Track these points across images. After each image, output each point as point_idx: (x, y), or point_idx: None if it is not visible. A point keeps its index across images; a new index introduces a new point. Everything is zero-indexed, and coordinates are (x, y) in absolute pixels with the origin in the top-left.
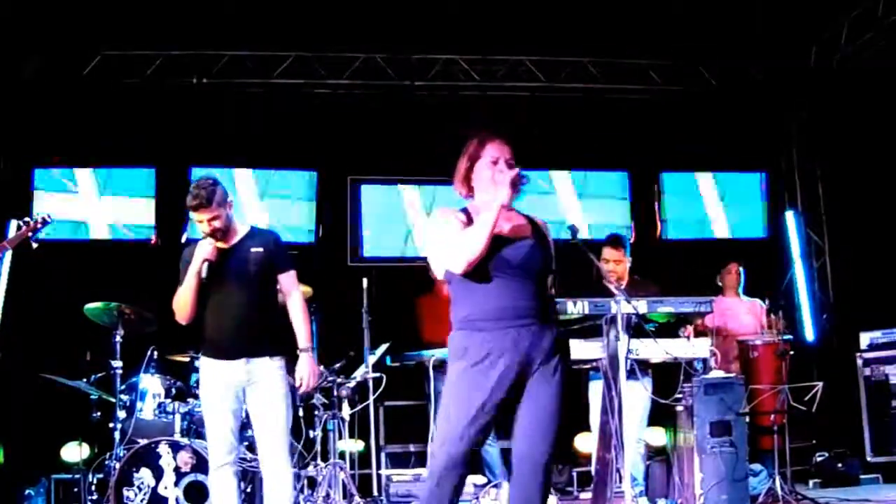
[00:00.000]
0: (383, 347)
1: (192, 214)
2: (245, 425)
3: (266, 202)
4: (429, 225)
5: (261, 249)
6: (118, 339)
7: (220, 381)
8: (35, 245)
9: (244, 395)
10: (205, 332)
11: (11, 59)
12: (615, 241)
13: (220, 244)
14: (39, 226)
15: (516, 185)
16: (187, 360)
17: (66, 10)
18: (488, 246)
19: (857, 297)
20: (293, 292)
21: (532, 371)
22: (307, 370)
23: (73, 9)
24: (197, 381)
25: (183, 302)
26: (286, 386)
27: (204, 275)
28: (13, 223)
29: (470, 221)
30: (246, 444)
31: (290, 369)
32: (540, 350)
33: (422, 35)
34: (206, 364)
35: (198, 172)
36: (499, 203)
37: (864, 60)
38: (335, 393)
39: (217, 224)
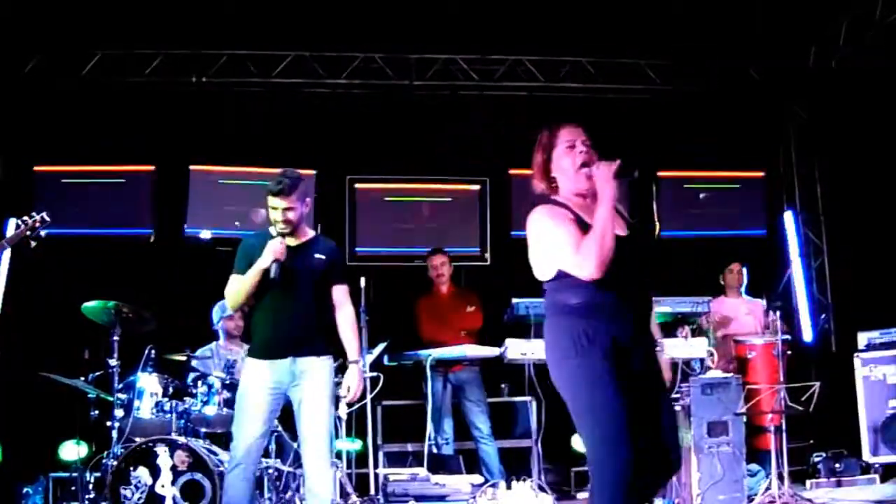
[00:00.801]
0: (381, 346)
1: (270, 199)
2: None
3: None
4: (532, 226)
5: (324, 257)
6: (116, 337)
7: (262, 382)
8: (34, 244)
9: (285, 397)
10: (255, 330)
11: (11, 58)
12: None
13: (289, 240)
14: (38, 225)
15: (620, 176)
16: (185, 359)
17: (66, 8)
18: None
19: (855, 297)
20: (345, 305)
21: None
22: (356, 381)
23: (73, 7)
24: (194, 380)
25: (241, 293)
26: (332, 384)
27: (273, 274)
28: (12, 221)
29: (575, 217)
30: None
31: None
32: (650, 335)
33: (420, 35)
34: (250, 365)
35: (196, 171)
36: (610, 199)
37: (862, 61)
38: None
39: (291, 216)
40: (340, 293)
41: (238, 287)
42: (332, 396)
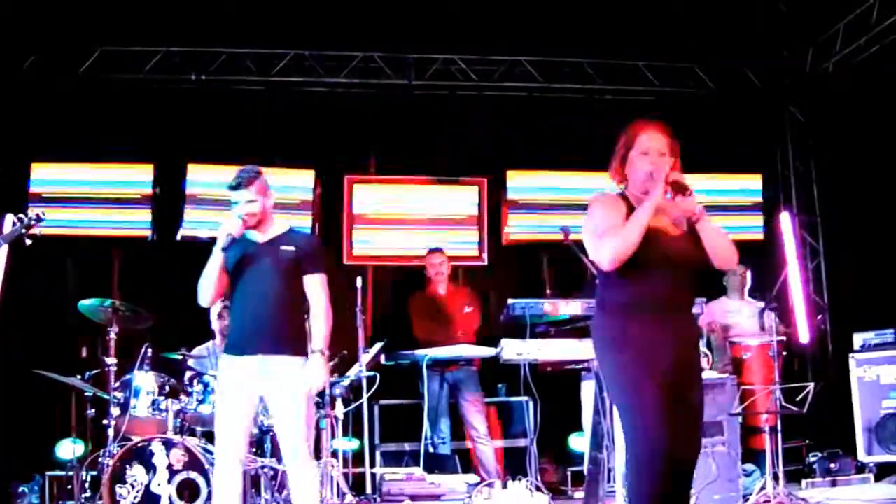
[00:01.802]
0: (377, 346)
1: (231, 196)
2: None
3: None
4: (589, 208)
5: (292, 248)
6: (113, 336)
7: (235, 379)
8: (28, 242)
9: (260, 395)
10: (227, 327)
11: (9, 54)
12: None
13: (255, 233)
14: (34, 223)
15: (677, 194)
16: (181, 358)
17: (64, 5)
18: (638, 243)
19: (851, 298)
20: (318, 294)
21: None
22: (314, 371)
23: (71, 4)
24: (191, 379)
25: (206, 281)
26: (306, 384)
27: (224, 244)
28: (8, 218)
29: (630, 211)
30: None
31: None
32: (690, 338)
33: (420, 35)
34: (224, 361)
35: (195, 170)
36: (652, 204)
37: (859, 64)
38: (329, 391)
39: (252, 209)
40: (312, 283)
41: (202, 276)
42: (304, 396)
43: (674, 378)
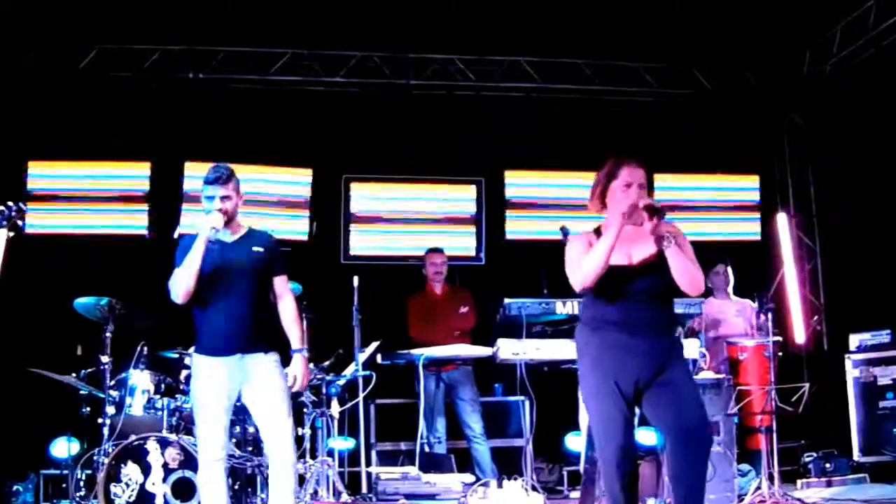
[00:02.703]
0: (373, 346)
1: (207, 188)
2: (233, 422)
3: (260, 198)
4: (566, 248)
5: (261, 249)
6: (108, 334)
7: (212, 378)
8: (10, 234)
9: (238, 393)
10: (199, 327)
11: (5, 52)
12: None
13: (225, 236)
14: (15, 215)
15: (653, 216)
16: (177, 356)
17: (63, 2)
18: (605, 269)
19: (847, 299)
20: (286, 295)
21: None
22: (300, 370)
23: (69, 2)
24: (187, 378)
25: (183, 277)
26: (283, 379)
27: (210, 236)
28: None
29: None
30: (234, 440)
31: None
32: (657, 358)
33: (418, 34)
34: (198, 361)
35: (192, 168)
36: (611, 236)
37: (857, 66)
38: (324, 391)
39: (227, 205)
40: (281, 284)
41: (180, 271)
42: (284, 388)
43: (642, 377)
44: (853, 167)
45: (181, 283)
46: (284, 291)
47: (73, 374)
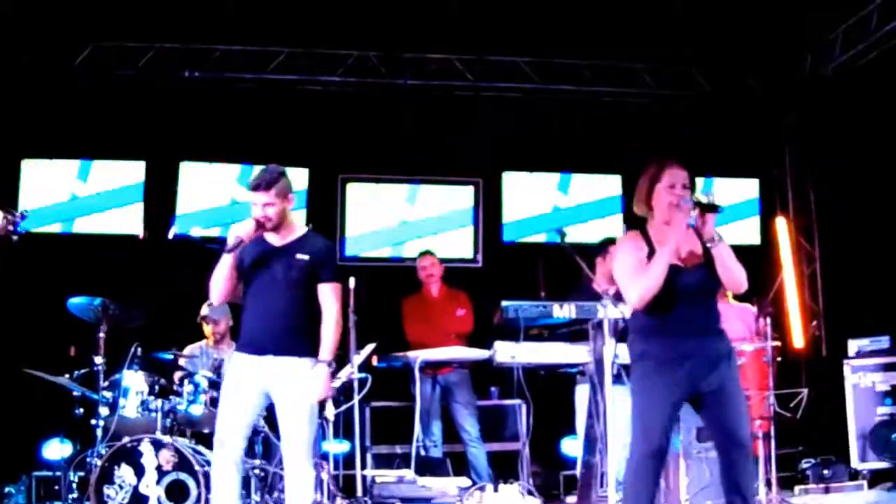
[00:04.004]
0: (369, 348)
1: (250, 195)
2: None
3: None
4: (615, 250)
5: (307, 256)
6: (102, 334)
7: (242, 376)
8: (15, 238)
9: (267, 396)
10: (241, 324)
11: (0, 50)
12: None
13: (273, 236)
14: (18, 220)
15: (706, 212)
16: (171, 357)
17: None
18: (661, 283)
19: (846, 304)
20: (329, 304)
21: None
22: (318, 381)
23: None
24: (181, 379)
25: (216, 279)
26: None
27: (230, 246)
28: None
29: (651, 250)
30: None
31: None
32: (715, 355)
33: (416, 33)
34: (234, 359)
35: (187, 167)
36: (672, 244)
37: (858, 69)
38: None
39: (269, 212)
40: (325, 293)
41: (213, 275)
42: (311, 398)
43: (699, 388)
44: (853, 172)
45: (212, 286)
46: (327, 300)
47: (66, 375)
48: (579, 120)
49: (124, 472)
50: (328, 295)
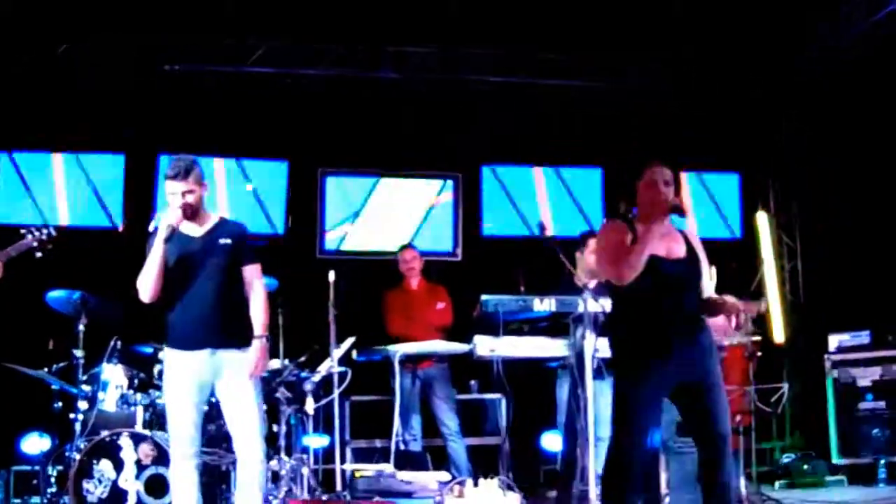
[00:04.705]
0: (349, 342)
1: (168, 184)
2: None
3: (235, 191)
4: (599, 233)
5: (229, 241)
6: (81, 328)
7: (184, 372)
8: (39, 255)
9: (211, 388)
10: (170, 322)
11: None
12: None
13: (191, 226)
14: (46, 238)
15: (673, 213)
16: (151, 350)
17: None
18: (642, 265)
19: (827, 299)
20: (255, 284)
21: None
22: (256, 355)
23: None
24: (160, 373)
25: (147, 276)
26: (256, 377)
27: (166, 236)
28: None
29: (635, 238)
30: (207, 437)
31: None
32: (699, 347)
33: (397, 26)
34: (170, 356)
35: (167, 160)
36: (648, 239)
37: (839, 63)
38: (299, 387)
39: (190, 199)
40: (250, 273)
41: (143, 272)
42: (257, 385)
43: (682, 380)
44: (835, 165)
45: (145, 283)
46: (253, 280)
47: (45, 369)
48: (562, 112)
49: (103, 467)
50: (253, 275)
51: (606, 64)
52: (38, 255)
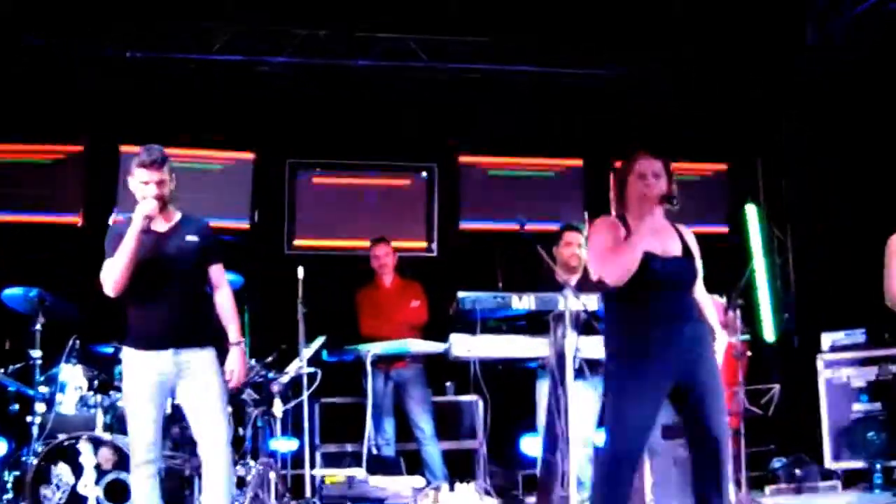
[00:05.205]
0: (319, 341)
1: (141, 172)
2: (170, 420)
3: (200, 184)
4: (591, 231)
5: (196, 238)
6: (38, 327)
7: (145, 373)
8: None
9: (172, 390)
10: (131, 320)
11: None
12: (576, 226)
13: (157, 220)
14: None
15: (663, 203)
16: (111, 350)
17: None
18: (637, 264)
19: (820, 295)
20: (223, 285)
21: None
22: (238, 364)
23: None
24: (121, 373)
25: (116, 269)
26: (221, 377)
27: (144, 226)
28: None
29: (629, 234)
30: (171, 440)
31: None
32: (694, 346)
33: (367, 11)
34: (130, 356)
35: (128, 151)
36: (642, 233)
37: (840, 64)
38: (267, 389)
39: (163, 190)
40: (217, 273)
41: (112, 263)
42: (222, 385)
43: (678, 378)
44: (828, 155)
45: (113, 276)
46: (221, 281)
47: (0, 370)
48: (542, 101)
49: (62, 472)
50: (221, 275)
51: (587, 50)
52: None
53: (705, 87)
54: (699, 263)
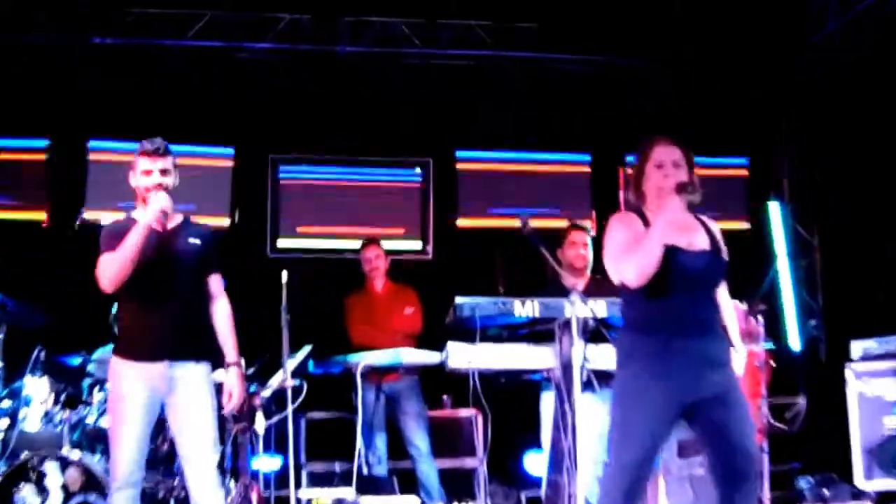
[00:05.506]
0: (304, 351)
1: (143, 161)
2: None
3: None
4: (608, 228)
5: (199, 242)
6: (0, 336)
7: (134, 386)
8: None
9: (161, 406)
10: (123, 327)
11: None
12: (582, 226)
13: (157, 225)
14: None
15: (681, 192)
16: (80, 361)
17: None
18: (658, 258)
19: (849, 301)
20: (221, 297)
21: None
22: (237, 385)
23: None
24: (90, 387)
25: (125, 261)
26: (214, 396)
27: (155, 221)
28: None
29: (647, 227)
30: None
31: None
32: (716, 356)
33: None
34: (118, 366)
35: (97, 146)
36: (661, 223)
37: (840, 64)
38: (248, 403)
39: (167, 180)
40: (216, 283)
41: (119, 254)
42: (214, 409)
43: (698, 395)
44: (856, 148)
45: (115, 269)
46: (219, 292)
47: None
48: (545, 92)
49: (25, 494)
50: (219, 285)
51: (589, 37)
52: None
53: (714, 97)
54: (726, 258)
